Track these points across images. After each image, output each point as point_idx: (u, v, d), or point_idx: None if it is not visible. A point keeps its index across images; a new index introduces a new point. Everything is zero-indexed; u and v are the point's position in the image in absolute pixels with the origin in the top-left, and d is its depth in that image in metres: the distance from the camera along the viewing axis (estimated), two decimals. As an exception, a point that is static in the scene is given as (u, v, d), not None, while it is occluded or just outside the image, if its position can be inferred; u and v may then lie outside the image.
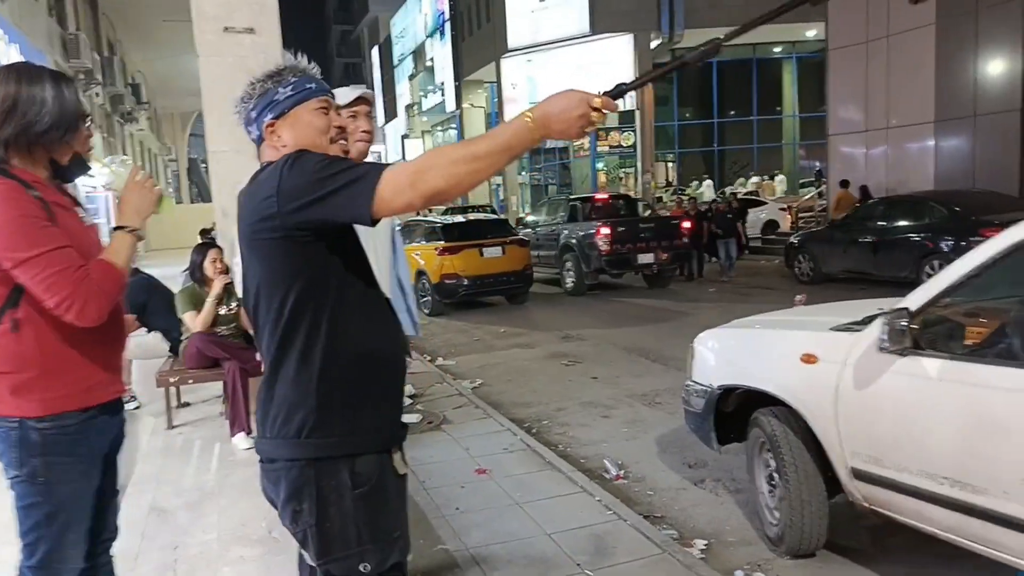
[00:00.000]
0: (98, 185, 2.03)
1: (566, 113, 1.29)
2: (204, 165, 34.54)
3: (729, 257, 12.98)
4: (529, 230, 13.93)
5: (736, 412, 3.55)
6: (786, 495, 3.11)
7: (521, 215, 22.22)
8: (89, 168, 1.95)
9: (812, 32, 24.77)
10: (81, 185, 2.12)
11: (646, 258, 11.87)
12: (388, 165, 1.38)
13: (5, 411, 1.76)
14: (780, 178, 25.79)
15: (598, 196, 15.03)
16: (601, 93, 1.31)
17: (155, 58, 22.03)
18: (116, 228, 1.87)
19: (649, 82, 1.47)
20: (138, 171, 1.96)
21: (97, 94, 18.04)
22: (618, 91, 1.35)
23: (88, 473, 1.85)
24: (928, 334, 2.60)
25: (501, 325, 9.90)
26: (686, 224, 12.55)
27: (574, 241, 12.33)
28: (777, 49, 28.37)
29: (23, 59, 11.44)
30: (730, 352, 3.61)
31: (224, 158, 4.51)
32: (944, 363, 2.51)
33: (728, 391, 3.48)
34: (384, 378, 1.55)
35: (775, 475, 3.24)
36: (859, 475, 2.83)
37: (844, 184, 14.12)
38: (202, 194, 40.30)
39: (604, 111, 1.31)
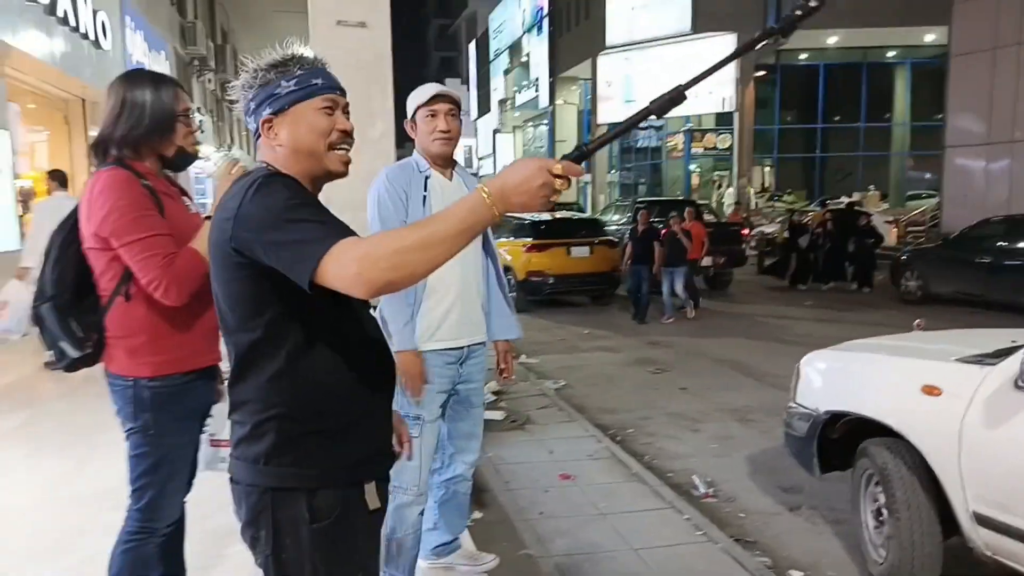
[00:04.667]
0: (204, 169, 2.16)
1: (525, 184, 1.16)
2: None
3: (674, 293, 10.07)
4: None
5: (842, 439, 3.35)
6: (895, 533, 2.90)
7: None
8: (193, 160, 2.12)
9: (931, 36, 23.38)
10: (193, 170, 2.36)
11: (705, 261, 11.91)
12: (348, 234, 1.24)
13: (122, 371, 2.00)
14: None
15: (662, 200, 15.22)
16: (561, 158, 1.20)
17: (264, 47, 22.98)
18: (207, 217, 2.01)
19: (613, 140, 1.30)
20: (232, 165, 2.05)
21: (209, 80, 18.98)
22: (580, 153, 1.22)
23: (189, 429, 2.08)
24: (1078, 375, 2.36)
25: (585, 326, 9.80)
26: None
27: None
28: (891, 54, 26.94)
29: (146, 44, 12.15)
30: (841, 376, 3.40)
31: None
32: (1096, 408, 2.27)
33: (836, 417, 3.28)
34: (354, 411, 1.42)
35: (883, 510, 3.03)
36: (982, 520, 2.60)
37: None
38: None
39: (567, 177, 1.18)
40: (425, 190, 2.44)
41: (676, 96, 1.24)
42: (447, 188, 2.50)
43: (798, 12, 1.27)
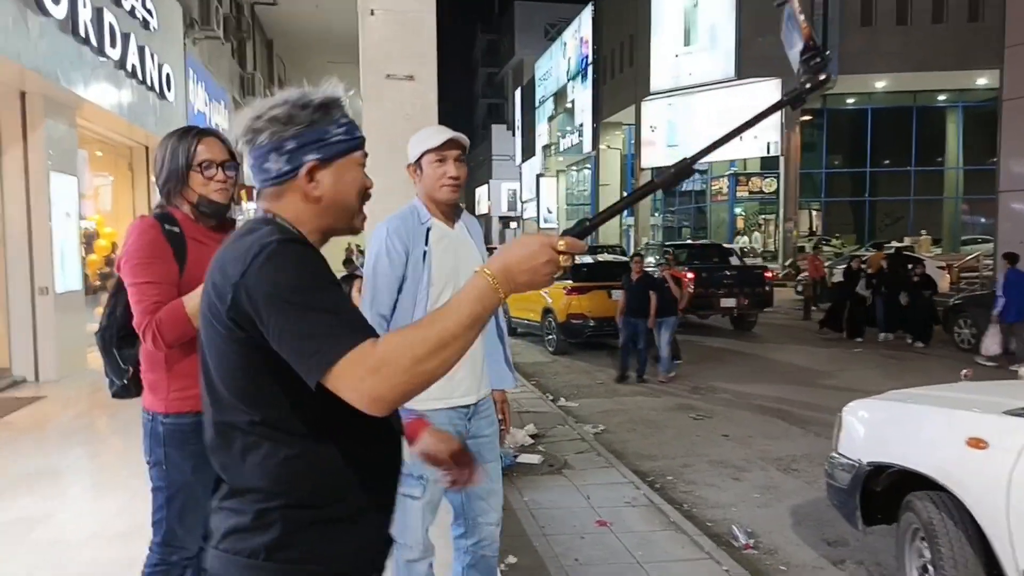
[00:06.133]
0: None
1: (529, 262, 1.10)
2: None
3: (654, 345, 8.99)
4: None
5: (886, 491, 3.27)
6: (942, 592, 2.81)
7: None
8: (218, 207, 2.12)
9: (983, 80, 23.01)
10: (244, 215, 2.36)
11: (728, 302, 12.67)
12: (363, 330, 1.11)
13: (146, 405, 2.12)
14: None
15: (691, 244, 16.15)
16: (562, 233, 1.14)
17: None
18: None
19: (617, 213, 1.24)
20: None
21: (265, 127, 19.70)
22: (582, 229, 1.17)
23: (200, 468, 2.03)
24: None
25: (626, 370, 9.71)
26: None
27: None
28: (942, 97, 26.58)
29: (207, 94, 12.75)
30: (884, 426, 3.33)
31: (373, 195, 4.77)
32: None
33: (879, 469, 3.21)
34: (368, 495, 1.26)
35: (929, 567, 2.94)
36: (1034, 581, 2.51)
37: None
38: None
39: (572, 253, 1.12)
40: (426, 244, 2.33)
41: (683, 170, 1.19)
42: (449, 237, 2.40)
43: (808, 85, 1.25)
